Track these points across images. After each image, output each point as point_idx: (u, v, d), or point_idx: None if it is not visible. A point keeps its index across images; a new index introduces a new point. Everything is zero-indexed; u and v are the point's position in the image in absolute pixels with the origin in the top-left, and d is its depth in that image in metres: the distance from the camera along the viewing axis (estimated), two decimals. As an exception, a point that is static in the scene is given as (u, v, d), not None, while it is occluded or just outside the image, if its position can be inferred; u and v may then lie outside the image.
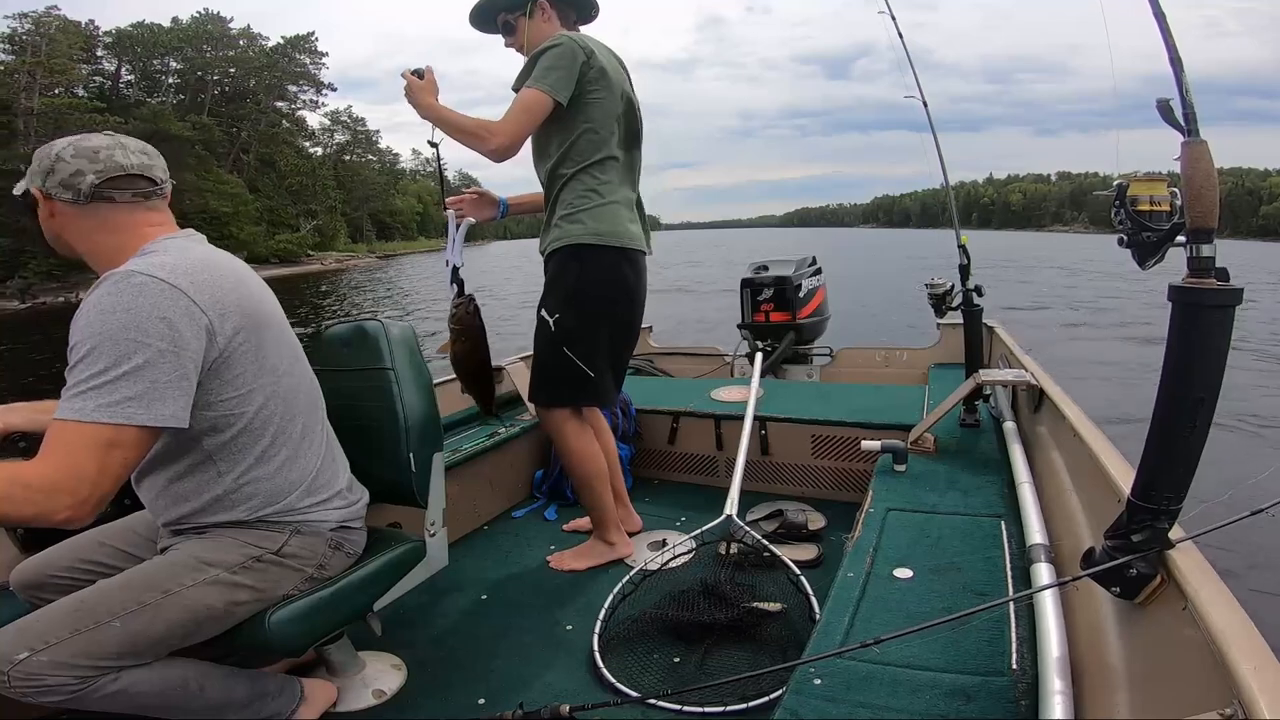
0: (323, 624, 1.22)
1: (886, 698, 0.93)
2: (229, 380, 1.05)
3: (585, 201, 1.75)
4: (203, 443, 1.07)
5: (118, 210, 1.06)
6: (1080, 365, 7.50)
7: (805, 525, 1.97)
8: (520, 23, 1.80)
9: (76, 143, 1.06)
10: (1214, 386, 0.78)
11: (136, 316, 0.94)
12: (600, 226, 1.74)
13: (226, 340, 1.03)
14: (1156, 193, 0.89)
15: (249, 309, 1.07)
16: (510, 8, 1.80)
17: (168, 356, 0.96)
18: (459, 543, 2.08)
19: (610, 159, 1.77)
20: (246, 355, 1.06)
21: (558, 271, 1.78)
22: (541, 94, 1.66)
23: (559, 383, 1.80)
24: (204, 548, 1.10)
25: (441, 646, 1.56)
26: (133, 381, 0.93)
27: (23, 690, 0.93)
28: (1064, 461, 1.56)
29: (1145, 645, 0.85)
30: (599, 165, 1.75)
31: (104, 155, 1.05)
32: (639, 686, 1.34)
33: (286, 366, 1.14)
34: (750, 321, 3.47)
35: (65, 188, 1.04)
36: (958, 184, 8.72)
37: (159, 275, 0.97)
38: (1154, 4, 0.82)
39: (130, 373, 0.93)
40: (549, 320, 1.77)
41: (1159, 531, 0.83)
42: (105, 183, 1.04)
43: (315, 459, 1.19)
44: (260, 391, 1.09)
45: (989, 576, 1.23)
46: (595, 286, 1.76)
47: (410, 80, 1.72)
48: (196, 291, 1.00)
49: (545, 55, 1.68)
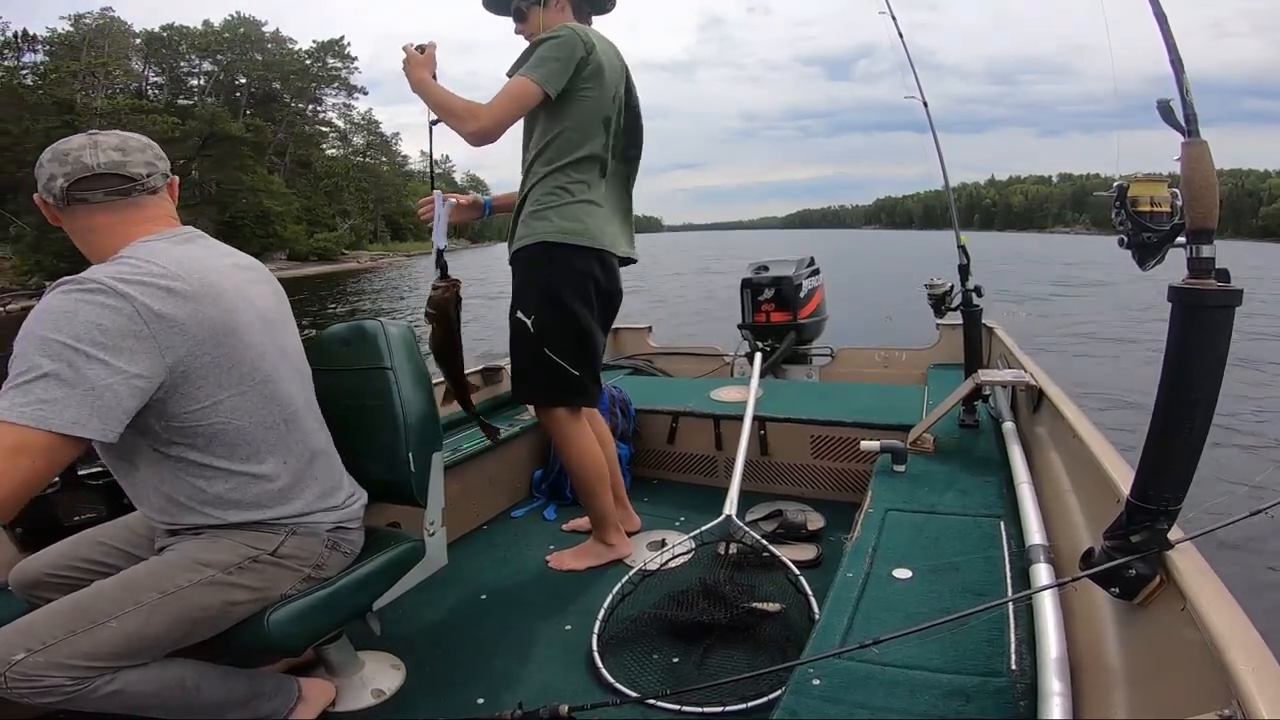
0: (322, 624, 1.22)
1: (885, 698, 0.93)
2: (190, 394, 1.02)
3: (554, 199, 1.71)
4: (183, 452, 1.05)
5: (94, 211, 1.05)
6: (1075, 364, 7.50)
7: (804, 525, 1.97)
8: (534, 12, 1.77)
9: (55, 146, 1.05)
10: (1213, 387, 0.78)
11: (71, 321, 0.91)
12: (568, 225, 1.70)
13: (183, 353, 0.99)
14: (1157, 194, 0.89)
15: (217, 319, 1.03)
16: None
17: (94, 364, 0.91)
18: (458, 542, 2.08)
19: (590, 159, 1.73)
20: (212, 366, 1.03)
21: (528, 271, 1.75)
22: (532, 83, 1.63)
23: (547, 384, 1.78)
24: (201, 548, 1.09)
25: (440, 646, 1.56)
26: (50, 384, 0.88)
27: (20, 691, 0.93)
28: (1063, 462, 1.56)
29: (1144, 646, 0.85)
30: (575, 165, 1.72)
31: (72, 157, 1.03)
32: (638, 687, 1.34)
33: (269, 370, 1.11)
34: (750, 322, 3.47)
35: (47, 191, 1.04)
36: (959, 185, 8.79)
37: (109, 283, 0.94)
38: (1155, 4, 0.82)
39: (50, 375, 0.89)
40: (526, 321, 1.73)
41: (1158, 532, 0.83)
42: (74, 185, 1.02)
43: (311, 460, 1.19)
44: (234, 400, 1.06)
45: (988, 577, 1.23)
46: (568, 285, 1.72)
47: (410, 53, 1.69)
48: (147, 303, 0.96)
49: (544, 44, 1.66)
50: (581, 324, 1.76)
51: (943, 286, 2.43)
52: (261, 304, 1.15)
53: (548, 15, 1.76)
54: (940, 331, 3.26)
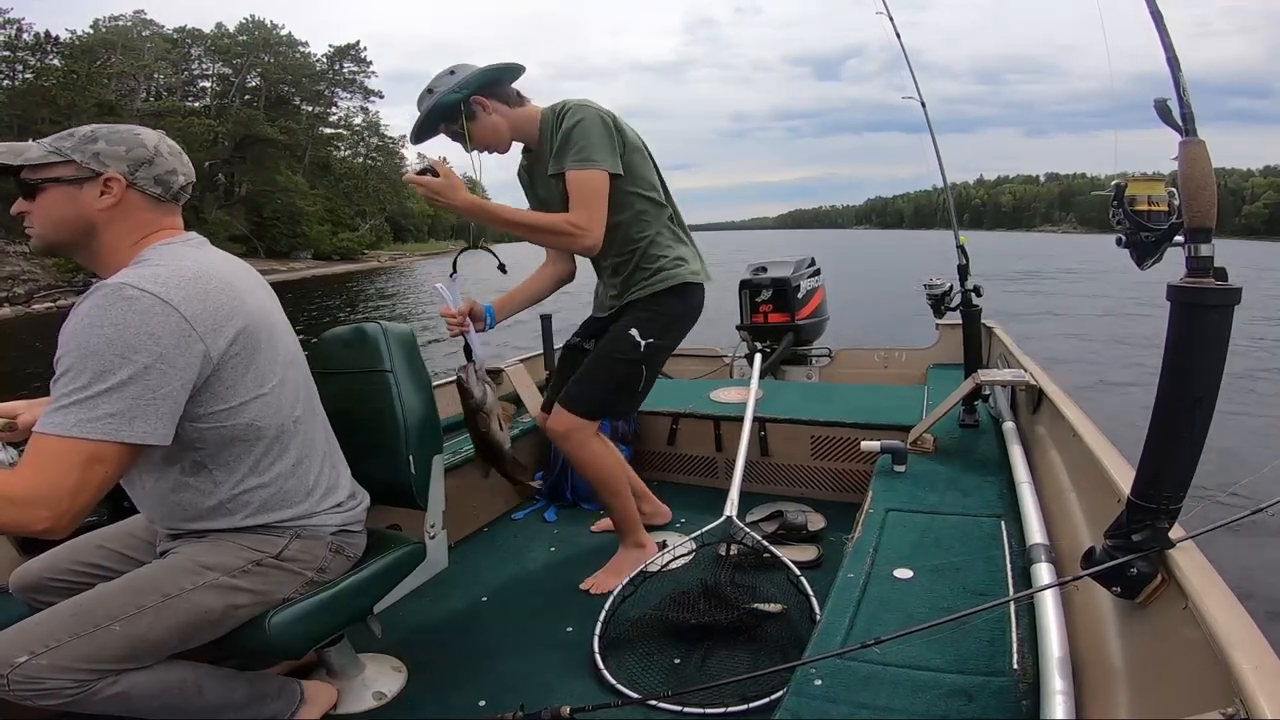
0: (323, 626, 1.22)
1: (887, 698, 0.93)
2: (219, 393, 1.03)
3: (667, 250, 1.79)
4: (197, 453, 1.06)
5: (146, 207, 1.07)
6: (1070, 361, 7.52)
7: (805, 526, 1.97)
8: (469, 128, 1.70)
9: (165, 139, 1.09)
10: (1213, 386, 0.78)
11: (124, 332, 0.92)
12: (692, 266, 1.81)
13: (219, 354, 1.01)
14: (1154, 193, 0.89)
15: (242, 320, 1.05)
16: (449, 118, 1.70)
17: (153, 373, 0.93)
18: (459, 545, 2.08)
19: (662, 205, 1.79)
20: (238, 367, 1.04)
21: (662, 304, 1.78)
22: (602, 172, 1.65)
23: (613, 397, 1.80)
24: (203, 551, 1.09)
25: (442, 648, 1.56)
26: (116, 398, 0.91)
27: (22, 694, 0.93)
28: (1063, 461, 1.56)
29: (1146, 645, 0.85)
30: (659, 218, 1.78)
31: (182, 158, 1.10)
32: (639, 688, 1.34)
33: (282, 373, 1.12)
34: (749, 323, 3.47)
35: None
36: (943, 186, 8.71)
37: (150, 289, 0.95)
38: (1151, 4, 0.82)
39: (114, 389, 0.91)
40: (640, 342, 1.76)
41: (1159, 531, 0.83)
42: (149, 177, 1.06)
43: (314, 463, 1.19)
44: (253, 402, 1.07)
45: (989, 576, 1.23)
46: (687, 319, 1.85)
47: (428, 183, 1.55)
48: (188, 306, 0.97)
49: (576, 132, 1.64)
50: (670, 353, 1.88)
51: (942, 286, 2.43)
52: (270, 305, 1.16)
53: (483, 124, 1.71)
54: (940, 331, 3.27)
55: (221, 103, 36.85)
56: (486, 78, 1.70)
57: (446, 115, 1.70)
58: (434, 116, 1.70)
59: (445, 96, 1.67)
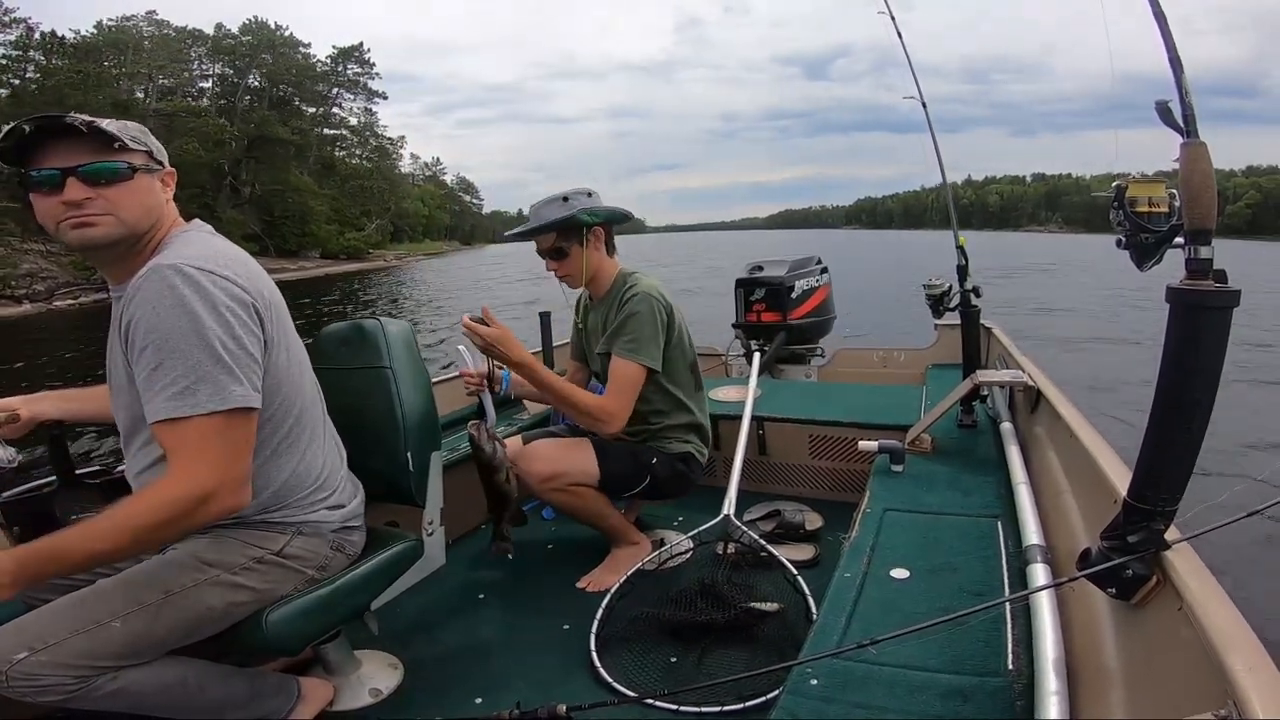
0: (320, 623, 1.22)
1: (883, 698, 0.93)
2: (265, 369, 1.06)
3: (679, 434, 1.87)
4: None
5: (154, 184, 1.08)
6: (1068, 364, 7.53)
7: (802, 525, 1.97)
8: (574, 251, 1.78)
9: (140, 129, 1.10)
10: (1211, 388, 0.78)
11: (203, 308, 0.96)
12: (701, 446, 1.91)
13: (271, 325, 1.06)
14: (1155, 194, 0.89)
15: (265, 306, 1.07)
16: (567, 232, 1.76)
17: (240, 342, 0.99)
18: (457, 542, 2.08)
19: (689, 382, 1.87)
20: (277, 345, 1.08)
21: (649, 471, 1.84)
22: (641, 368, 1.72)
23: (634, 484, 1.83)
24: (205, 547, 1.09)
25: (438, 646, 1.56)
26: (223, 370, 0.96)
27: (22, 690, 0.93)
28: (1061, 462, 1.56)
29: (1141, 646, 0.85)
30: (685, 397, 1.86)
31: None
32: (636, 686, 1.35)
33: (286, 363, 1.12)
34: (742, 321, 3.48)
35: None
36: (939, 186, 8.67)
37: (207, 268, 0.99)
38: (1154, 4, 0.82)
39: (219, 362, 0.96)
40: None
41: (1155, 532, 0.83)
42: None
43: (317, 459, 1.19)
44: (282, 384, 1.10)
45: (986, 577, 1.23)
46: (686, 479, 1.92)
47: (485, 332, 1.57)
48: (241, 279, 1.03)
49: (632, 323, 1.73)
50: None
51: (941, 286, 2.42)
52: (280, 296, 1.16)
53: (590, 256, 1.79)
54: (938, 332, 3.27)
55: (222, 103, 36.93)
56: (615, 217, 1.82)
57: (568, 228, 1.76)
58: (557, 224, 1.76)
59: (581, 214, 1.74)
